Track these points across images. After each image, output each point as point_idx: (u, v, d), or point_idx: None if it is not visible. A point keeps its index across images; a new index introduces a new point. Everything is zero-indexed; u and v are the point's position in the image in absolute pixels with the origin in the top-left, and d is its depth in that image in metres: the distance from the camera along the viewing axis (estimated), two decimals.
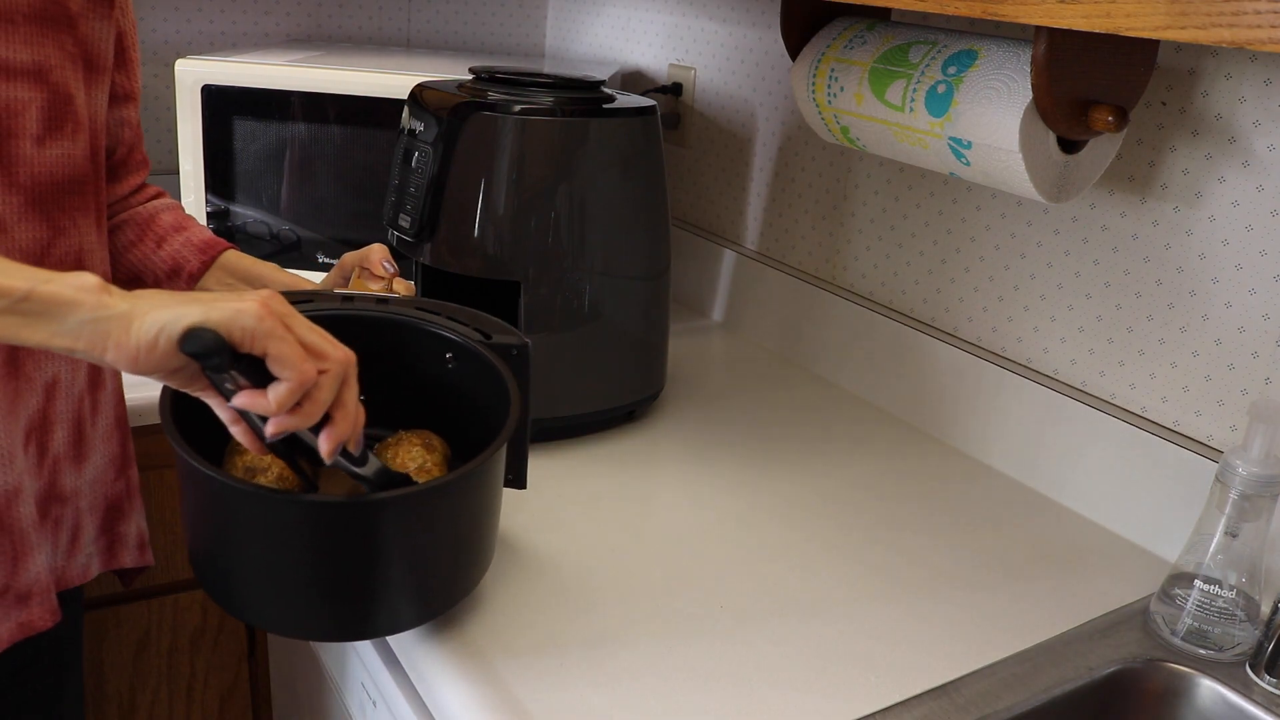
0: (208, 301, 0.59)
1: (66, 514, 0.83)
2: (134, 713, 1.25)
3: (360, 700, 0.90)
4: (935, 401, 1.13)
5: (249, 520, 0.68)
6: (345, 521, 0.67)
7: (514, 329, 0.84)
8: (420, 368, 0.84)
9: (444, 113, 0.98)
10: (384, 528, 0.67)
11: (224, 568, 0.71)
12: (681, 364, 1.28)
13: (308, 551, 0.68)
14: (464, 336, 0.82)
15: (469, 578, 0.76)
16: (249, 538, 0.69)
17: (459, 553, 0.73)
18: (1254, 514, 0.77)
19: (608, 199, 1.01)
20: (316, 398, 0.61)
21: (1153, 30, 0.59)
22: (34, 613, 0.78)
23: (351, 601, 0.69)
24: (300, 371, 0.59)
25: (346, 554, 0.68)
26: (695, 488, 0.99)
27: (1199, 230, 0.89)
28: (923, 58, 0.92)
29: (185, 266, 0.92)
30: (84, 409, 0.82)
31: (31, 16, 0.72)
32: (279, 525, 0.67)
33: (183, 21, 1.58)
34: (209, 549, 0.72)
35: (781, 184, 1.35)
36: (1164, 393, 0.94)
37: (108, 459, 0.86)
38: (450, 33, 1.78)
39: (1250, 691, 0.75)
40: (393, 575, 0.69)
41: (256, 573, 0.70)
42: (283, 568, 0.69)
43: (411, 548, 0.69)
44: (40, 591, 0.78)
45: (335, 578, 0.69)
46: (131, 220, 0.93)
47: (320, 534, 0.68)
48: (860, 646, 0.77)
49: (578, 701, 0.69)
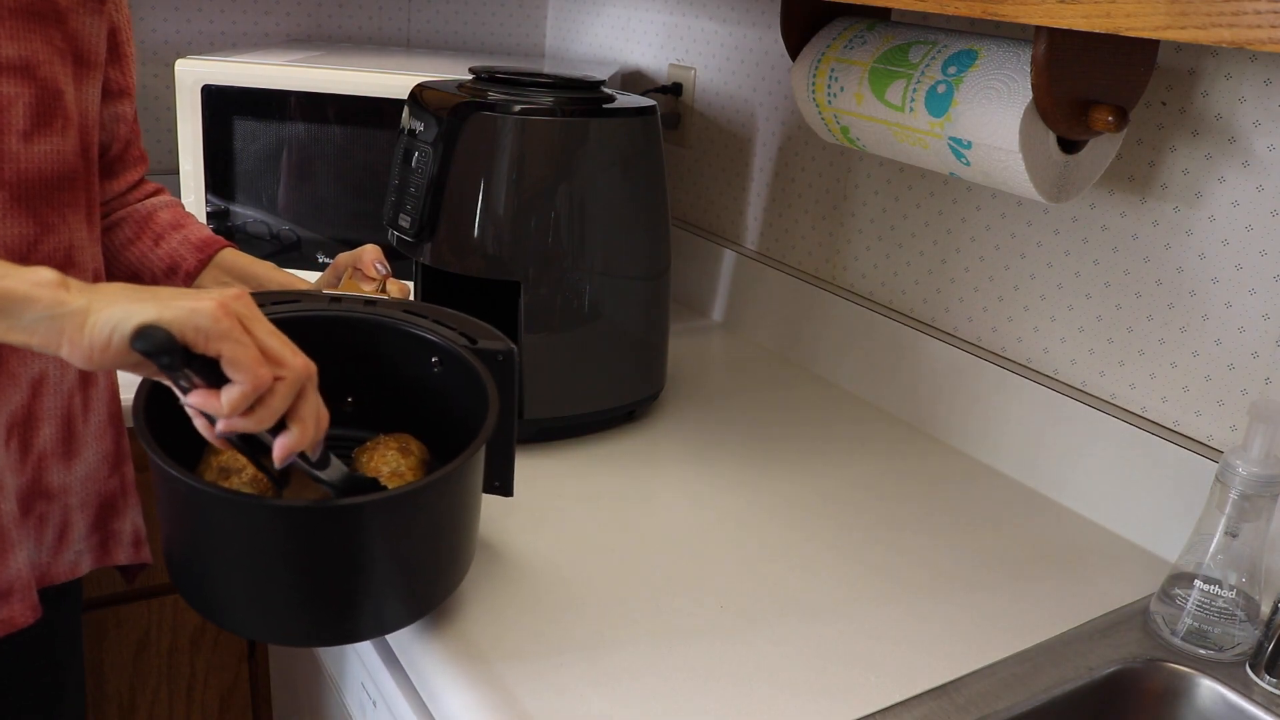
0: (165, 299, 0.58)
1: (53, 510, 0.82)
2: (134, 713, 1.25)
3: (360, 700, 0.90)
4: (935, 401, 1.13)
5: (217, 523, 0.67)
6: (310, 526, 0.66)
7: (501, 334, 0.82)
8: (404, 371, 0.83)
9: (444, 113, 0.98)
10: (352, 532, 0.66)
11: (197, 572, 0.70)
12: (681, 364, 1.28)
13: (277, 556, 0.67)
14: (449, 341, 0.81)
15: (444, 583, 0.74)
16: (219, 542, 0.68)
17: (433, 557, 0.72)
18: (1254, 514, 0.77)
19: (608, 199, 1.01)
20: (270, 404, 0.59)
21: (1153, 30, 0.59)
22: (14, 609, 0.77)
23: (323, 606, 0.68)
24: (254, 375, 0.58)
25: (314, 558, 0.67)
26: (695, 488, 0.99)
27: (1199, 230, 0.89)
28: (923, 58, 0.92)
29: (182, 265, 0.92)
30: (74, 406, 0.82)
31: (17, 11, 0.72)
32: (246, 529, 0.67)
33: (183, 21, 1.58)
34: (182, 553, 0.71)
35: (781, 184, 1.35)
36: (1164, 393, 0.94)
37: (100, 456, 0.86)
38: (450, 33, 1.78)
39: (1250, 691, 0.75)
40: (364, 580, 0.68)
41: (228, 577, 0.69)
42: (254, 572, 0.68)
43: (382, 553, 0.68)
44: (21, 588, 0.78)
45: (305, 582, 0.68)
46: (129, 217, 0.93)
47: (287, 538, 0.67)
48: (860, 646, 0.77)
49: (578, 701, 0.69)
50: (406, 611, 0.72)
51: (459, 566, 0.76)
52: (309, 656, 1.06)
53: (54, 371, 0.79)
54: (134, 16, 1.54)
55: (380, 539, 0.67)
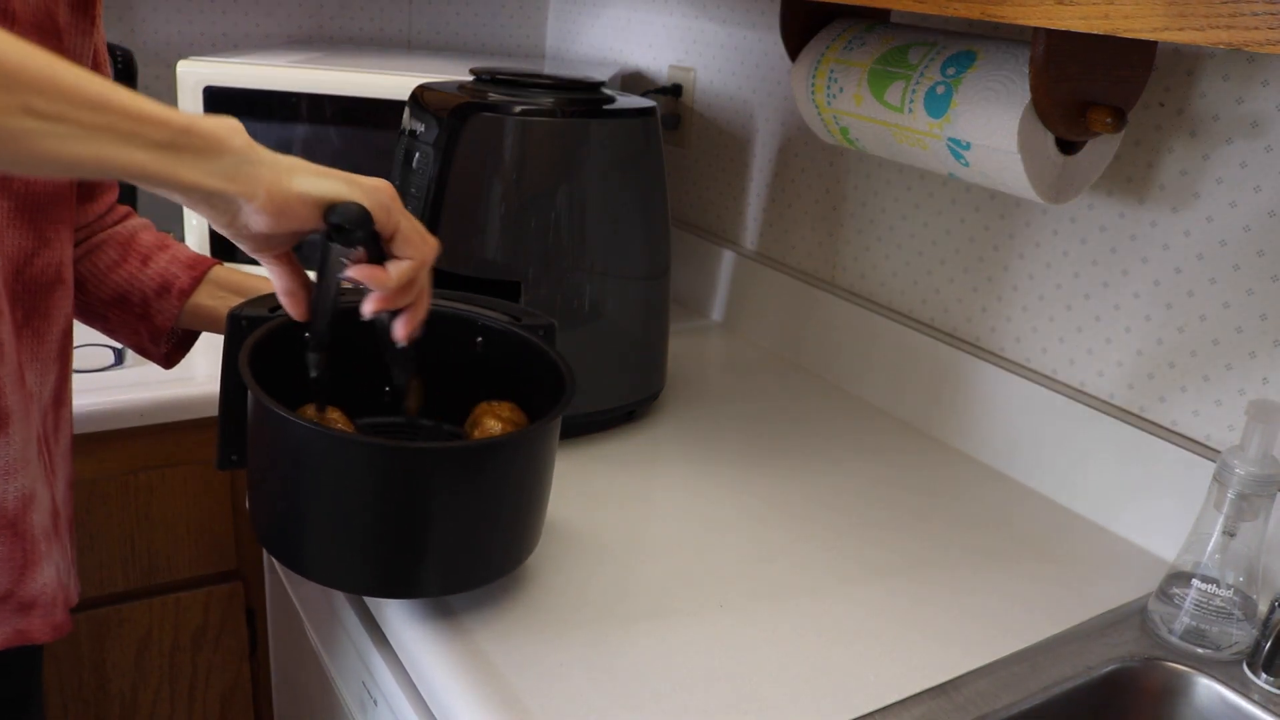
0: (338, 175, 0.63)
1: (61, 528, 0.82)
2: (136, 712, 1.25)
3: (361, 700, 0.90)
4: (934, 401, 1.14)
5: (309, 461, 0.69)
6: (401, 466, 0.68)
7: (536, 311, 0.87)
8: (442, 354, 0.85)
9: (445, 114, 0.98)
10: (438, 477, 0.68)
11: (282, 516, 0.72)
12: (681, 364, 1.28)
13: (364, 495, 0.69)
14: (494, 319, 0.85)
15: (520, 547, 0.76)
16: (308, 481, 0.70)
17: (516, 513, 0.74)
18: (1251, 513, 0.77)
19: (608, 200, 1.01)
20: (419, 279, 0.66)
21: (1151, 31, 0.59)
22: (34, 624, 0.76)
23: (403, 552, 0.70)
24: (423, 250, 0.64)
25: (400, 499, 0.69)
26: (695, 488, 1.00)
27: (1196, 231, 0.90)
28: (922, 59, 0.93)
29: (175, 283, 0.90)
30: (49, 425, 0.80)
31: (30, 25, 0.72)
32: (341, 465, 0.68)
33: (185, 23, 1.58)
34: (271, 500, 0.73)
35: (781, 184, 1.35)
36: (1162, 392, 0.94)
37: (66, 480, 0.84)
38: (451, 34, 1.79)
39: (1248, 690, 0.75)
40: (443, 529, 0.70)
41: (316, 519, 0.71)
42: (340, 512, 0.70)
43: (464, 503, 0.70)
44: (45, 604, 0.76)
45: (386, 527, 0.69)
46: (111, 240, 0.91)
47: (375, 477, 0.68)
48: (859, 645, 0.78)
49: (578, 701, 0.70)
50: (481, 570, 0.74)
51: (531, 534, 0.77)
52: (310, 656, 1.06)
53: (35, 388, 0.77)
54: (136, 19, 1.55)
55: (463, 486, 0.69)
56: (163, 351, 0.92)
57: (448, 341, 0.85)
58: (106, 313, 0.90)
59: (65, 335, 0.79)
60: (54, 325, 0.77)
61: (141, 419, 1.11)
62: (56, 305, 0.77)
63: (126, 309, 0.90)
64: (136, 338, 0.92)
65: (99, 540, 1.16)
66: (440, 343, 0.84)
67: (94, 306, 0.90)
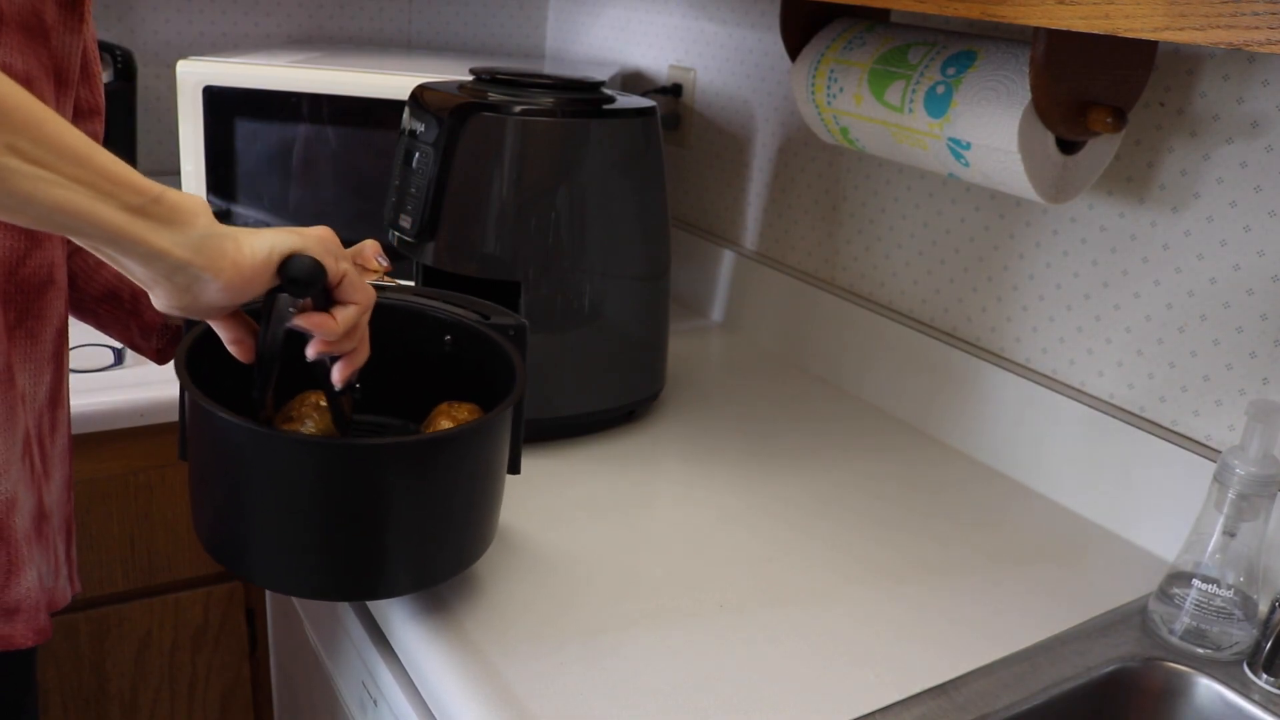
0: (286, 230, 0.64)
1: (49, 532, 0.81)
2: (136, 712, 1.25)
3: (360, 699, 0.90)
4: (934, 401, 1.14)
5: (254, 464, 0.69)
6: (343, 461, 0.68)
7: (510, 311, 0.86)
8: (414, 351, 0.85)
9: (444, 114, 0.98)
10: (388, 473, 0.68)
11: (229, 522, 0.71)
12: (681, 364, 1.28)
13: (308, 494, 0.68)
14: (461, 318, 0.84)
15: (472, 546, 0.75)
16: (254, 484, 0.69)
17: (466, 511, 0.73)
18: (1252, 513, 0.77)
19: (608, 200, 1.01)
20: (360, 325, 0.67)
21: (1151, 31, 0.59)
22: (16, 629, 0.75)
23: (348, 554, 0.69)
24: (367, 295, 0.66)
25: (343, 498, 0.68)
26: (695, 487, 1.00)
27: (1197, 231, 0.90)
28: (922, 59, 0.93)
29: None
30: (44, 426, 0.80)
31: (16, 26, 0.71)
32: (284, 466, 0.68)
33: (184, 23, 1.58)
34: (215, 506, 0.72)
35: (781, 184, 1.35)
36: (1162, 392, 0.94)
37: (63, 480, 0.84)
38: (451, 34, 1.79)
39: (1248, 690, 0.75)
40: (390, 527, 0.69)
41: (260, 523, 0.70)
42: (285, 514, 0.69)
43: (408, 500, 0.69)
44: (29, 608, 0.76)
45: (333, 526, 0.69)
46: None
47: (318, 474, 0.68)
48: (860, 645, 0.78)
49: (577, 700, 0.70)
50: (429, 572, 0.73)
51: (483, 533, 0.76)
52: (310, 655, 1.06)
53: (29, 389, 0.77)
54: (136, 19, 1.55)
55: (407, 483, 0.69)
56: (155, 347, 0.93)
57: (418, 338, 0.85)
58: (97, 309, 0.91)
59: (60, 336, 0.79)
60: (48, 326, 0.77)
61: (141, 419, 1.11)
62: (50, 306, 0.76)
63: (117, 305, 0.90)
64: (127, 333, 0.92)
65: (99, 540, 1.16)
66: (410, 340, 0.85)
67: (85, 303, 0.90)
